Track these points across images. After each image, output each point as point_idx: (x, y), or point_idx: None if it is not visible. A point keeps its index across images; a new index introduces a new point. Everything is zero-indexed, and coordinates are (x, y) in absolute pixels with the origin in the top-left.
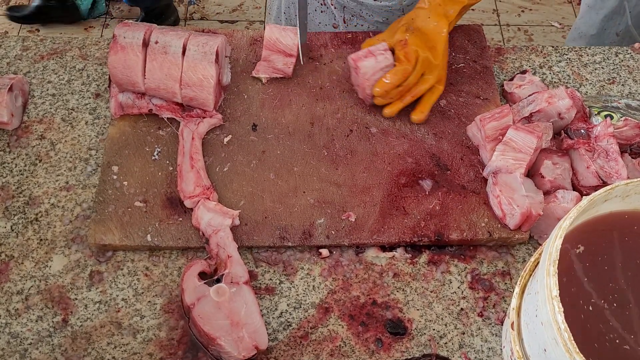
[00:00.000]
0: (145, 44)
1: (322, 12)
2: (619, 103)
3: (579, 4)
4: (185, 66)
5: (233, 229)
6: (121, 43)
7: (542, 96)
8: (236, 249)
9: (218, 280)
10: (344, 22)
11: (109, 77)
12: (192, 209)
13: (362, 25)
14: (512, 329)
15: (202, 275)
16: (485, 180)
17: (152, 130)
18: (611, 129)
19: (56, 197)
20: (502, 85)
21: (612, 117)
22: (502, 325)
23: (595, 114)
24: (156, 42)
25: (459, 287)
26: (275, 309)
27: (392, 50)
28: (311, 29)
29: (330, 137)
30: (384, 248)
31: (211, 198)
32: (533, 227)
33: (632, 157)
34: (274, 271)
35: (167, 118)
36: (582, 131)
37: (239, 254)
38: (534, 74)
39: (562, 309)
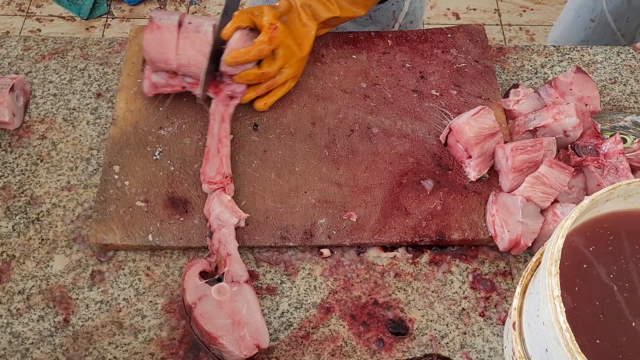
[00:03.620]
0: (179, 26)
1: None
2: (625, 122)
3: None
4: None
5: (235, 228)
6: (157, 23)
7: (549, 111)
8: (236, 248)
9: (219, 280)
10: None
11: (143, 58)
12: (193, 209)
13: None
14: (514, 329)
15: (204, 275)
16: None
17: (153, 130)
18: (621, 146)
19: (57, 196)
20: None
21: (625, 141)
22: (503, 325)
23: (607, 138)
24: (189, 23)
25: (460, 287)
26: (277, 308)
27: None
28: None
29: (331, 137)
30: (385, 248)
31: (227, 190)
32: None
33: None
34: (275, 271)
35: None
36: (590, 147)
37: (240, 253)
38: (536, 73)
39: (564, 309)
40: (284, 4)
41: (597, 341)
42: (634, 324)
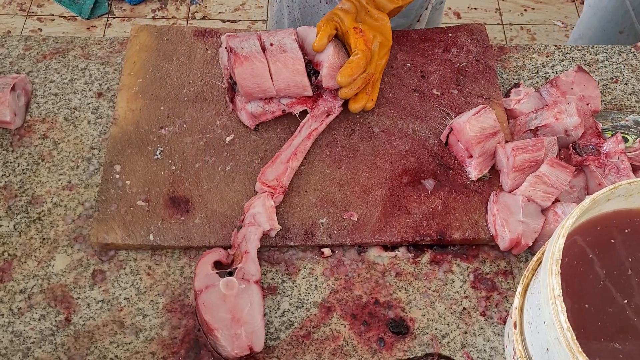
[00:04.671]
0: (263, 49)
1: (327, 3)
2: (627, 121)
3: (581, 2)
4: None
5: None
6: (242, 54)
7: (550, 111)
8: (256, 248)
9: (230, 274)
10: None
11: (228, 89)
12: (194, 208)
13: None
14: (515, 328)
15: (218, 266)
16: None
17: (154, 130)
18: (622, 146)
19: (59, 196)
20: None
21: (626, 140)
22: (504, 324)
23: (608, 137)
24: (271, 44)
25: (461, 287)
26: (278, 308)
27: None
28: (318, 20)
29: (332, 137)
30: (386, 247)
31: (274, 198)
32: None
33: None
34: (276, 270)
35: (285, 115)
36: (591, 147)
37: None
38: (537, 73)
39: (565, 309)
40: (349, 5)
41: (586, 305)
42: (626, 301)
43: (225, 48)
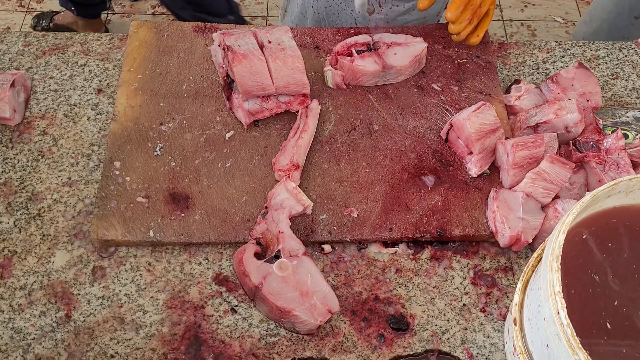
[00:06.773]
0: (260, 47)
1: (345, 4)
2: (627, 117)
3: None
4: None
5: (236, 223)
6: (240, 52)
7: (551, 107)
8: (288, 226)
9: (277, 257)
10: (380, 6)
11: (225, 87)
12: (194, 204)
13: (397, 6)
14: (515, 324)
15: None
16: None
17: (154, 126)
18: (622, 142)
19: (59, 192)
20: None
21: (627, 136)
22: (504, 321)
23: (609, 134)
24: (269, 42)
25: (461, 283)
26: None
27: None
28: (345, 18)
29: (332, 133)
30: (386, 244)
31: (291, 177)
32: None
33: None
34: None
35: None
36: (592, 143)
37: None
38: (537, 69)
39: (565, 305)
40: None
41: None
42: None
43: (219, 46)
